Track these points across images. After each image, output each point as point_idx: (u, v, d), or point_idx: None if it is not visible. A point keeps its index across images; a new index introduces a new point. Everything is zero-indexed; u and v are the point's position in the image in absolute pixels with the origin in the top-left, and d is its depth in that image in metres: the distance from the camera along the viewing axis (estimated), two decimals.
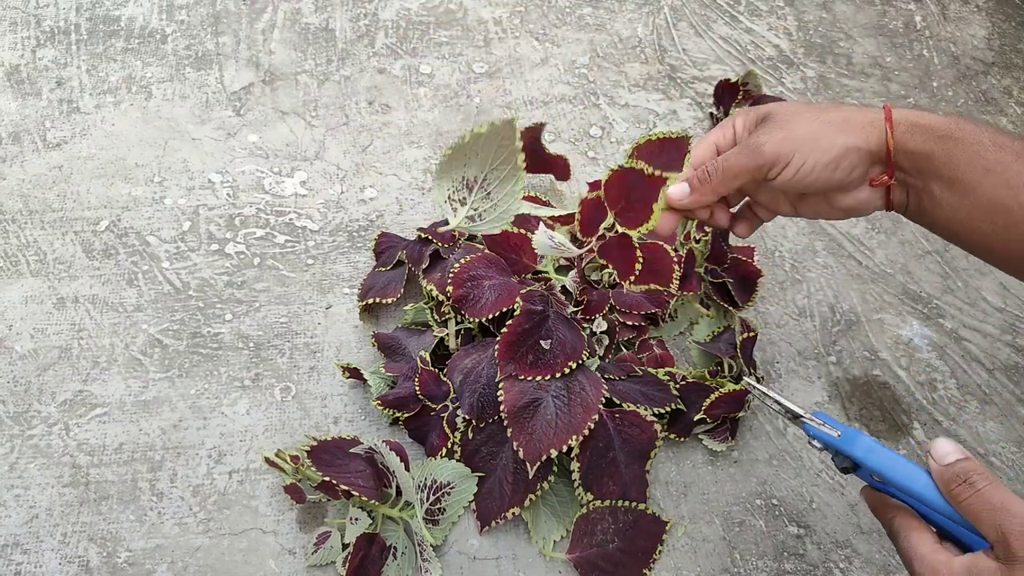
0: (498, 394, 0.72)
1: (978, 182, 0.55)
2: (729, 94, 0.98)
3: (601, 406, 0.71)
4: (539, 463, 0.70)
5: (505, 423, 0.71)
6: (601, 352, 0.79)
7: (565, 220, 0.80)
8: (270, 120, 1.01)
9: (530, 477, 0.70)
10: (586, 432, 0.70)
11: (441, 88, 1.05)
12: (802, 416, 0.59)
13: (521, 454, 0.70)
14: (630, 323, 0.82)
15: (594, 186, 0.94)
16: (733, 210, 0.68)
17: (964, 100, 1.08)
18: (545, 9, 1.14)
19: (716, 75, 1.08)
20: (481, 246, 0.84)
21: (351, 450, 0.71)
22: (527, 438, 0.70)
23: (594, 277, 0.86)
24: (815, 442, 0.57)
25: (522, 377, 0.72)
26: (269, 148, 0.99)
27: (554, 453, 0.70)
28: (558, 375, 0.72)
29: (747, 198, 0.67)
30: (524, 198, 0.62)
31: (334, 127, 1.01)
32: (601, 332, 0.79)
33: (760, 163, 0.58)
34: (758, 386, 0.64)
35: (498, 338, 0.74)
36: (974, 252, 0.60)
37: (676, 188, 0.62)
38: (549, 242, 0.67)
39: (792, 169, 0.58)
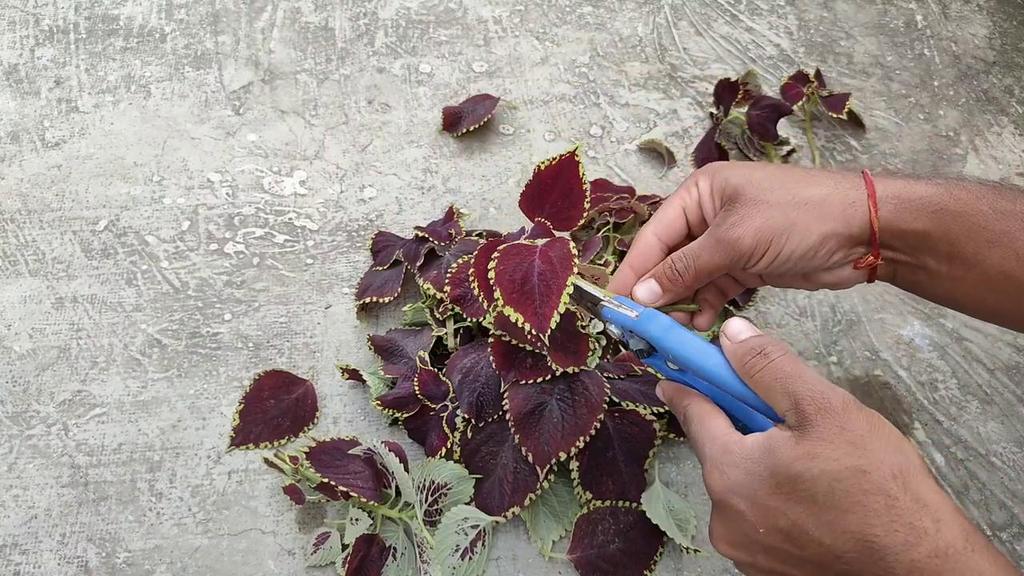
0: (503, 403, 0.72)
1: (983, 256, 0.51)
2: (729, 93, 0.98)
3: (605, 404, 0.71)
4: (548, 466, 0.70)
5: (512, 429, 0.71)
6: (600, 352, 0.78)
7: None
8: (269, 119, 1.01)
9: (540, 480, 0.70)
10: (592, 432, 0.70)
11: (441, 87, 1.05)
12: (601, 300, 0.55)
13: (531, 459, 0.70)
14: None
15: (596, 185, 0.94)
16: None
17: (965, 99, 1.08)
18: (545, 8, 1.14)
19: (716, 74, 1.07)
20: (481, 239, 0.83)
21: (350, 451, 0.71)
22: (535, 443, 0.70)
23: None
24: (612, 327, 0.54)
25: (524, 381, 0.72)
26: (268, 147, 0.99)
27: (563, 456, 0.70)
28: (559, 373, 0.72)
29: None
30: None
31: (333, 126, 1.01)
32: (598, 333, 0.79)
33: (735, 257, 0.53)
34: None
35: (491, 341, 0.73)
36: (977, 316, 0.57)
37: (644, 288, 0.56)
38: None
39: (767, 259, 0.53)
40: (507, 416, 0.71)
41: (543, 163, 0.73)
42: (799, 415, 0.44)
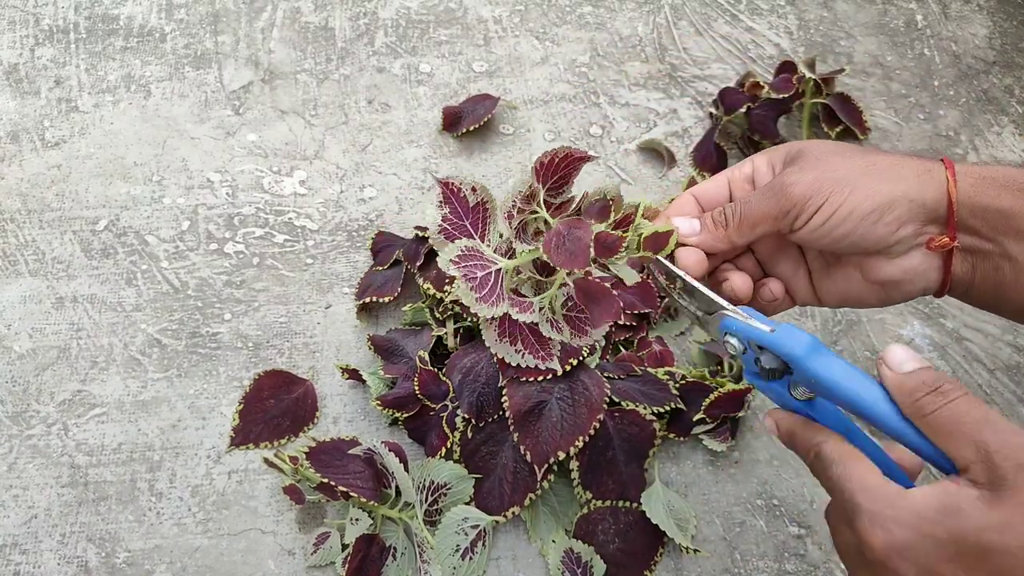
0: (503, 400, 0.72)
1: None
2: (731, 97, 0.98)
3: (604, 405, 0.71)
4: (548, 466, 0.70)
5: (511, 428, 0.71)
6: (599, 353, 0.78)
7: None
8: (269, 119, 1.01)
9: (538, 480, 0.70)
10: (592, 432, 0.70)
11: (441, 87, 1.05)
12: (724, 308, 0.47)
13: (529, 458, 0.70)
14: (623, 323, 0.82)
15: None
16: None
17: (965, 99, 1.08)
18: (545, 8, 1.13)
19: (716, 74, 1.07)
20: None
21: (350, 451, 0.71)
22: (533, 441, 0.70)
23: None
24: (731, 340, 0.47)
25: (524, 379, 0.72)
26: (268, 147, 0.99)
27: (561, 455, 0.69)
28: (560, 372, 0.72)
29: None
30: None
31: (333, 126, 1.01)
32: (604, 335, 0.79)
33: (786, 207, 0.47)
34: (664, 261, 0.51)
35: None
36: None
37: (684, 222, 0.51)
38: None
39: (823, 215, 0.46)
40: (507, 414, 0.71)
41: None
42: (991, 471, 0.37)
